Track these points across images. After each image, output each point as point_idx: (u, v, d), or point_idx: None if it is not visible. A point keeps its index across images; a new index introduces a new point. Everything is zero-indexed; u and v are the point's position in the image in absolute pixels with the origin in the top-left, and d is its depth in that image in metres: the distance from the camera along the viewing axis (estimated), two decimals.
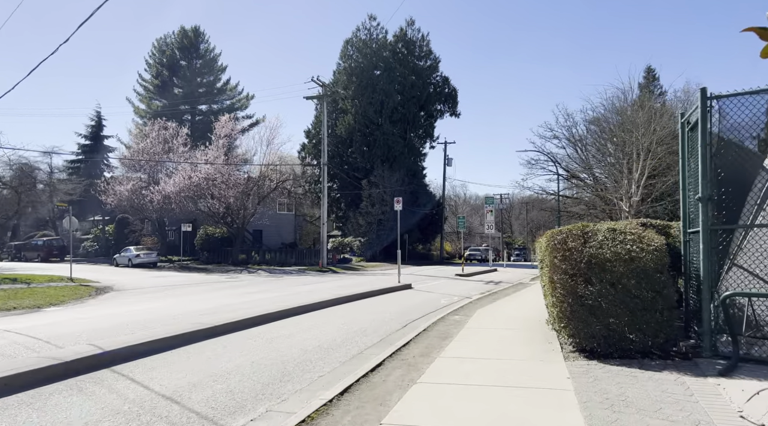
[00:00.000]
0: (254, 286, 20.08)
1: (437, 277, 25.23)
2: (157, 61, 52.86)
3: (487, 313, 11.42)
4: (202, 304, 14.05)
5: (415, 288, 18.98)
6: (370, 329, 9.71)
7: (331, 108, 54.21)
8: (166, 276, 26.60)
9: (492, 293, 16.94)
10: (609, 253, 6.55)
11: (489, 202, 36.29)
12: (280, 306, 12.00)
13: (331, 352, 7.61)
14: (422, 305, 13.78)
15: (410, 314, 11.92)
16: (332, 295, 15.07)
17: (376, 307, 13.17)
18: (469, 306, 13.17)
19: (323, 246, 32.67)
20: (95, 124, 47.44)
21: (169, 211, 34.30)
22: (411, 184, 50.70)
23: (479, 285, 21.34)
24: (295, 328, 9.80)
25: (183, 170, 32.39)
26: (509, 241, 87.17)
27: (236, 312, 11.60)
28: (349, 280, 23.74)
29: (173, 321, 10.37)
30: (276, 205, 44.94)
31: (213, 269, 31.95)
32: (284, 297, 15.46)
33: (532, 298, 15.09)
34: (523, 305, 13.21)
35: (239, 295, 16.62)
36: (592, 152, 33.28)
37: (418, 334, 8.72)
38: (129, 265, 34.52)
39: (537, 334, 8.47)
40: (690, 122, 7.42)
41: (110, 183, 37.88)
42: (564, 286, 6.65)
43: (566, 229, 7.21)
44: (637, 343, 6.39)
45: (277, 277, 25.29)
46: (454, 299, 15.47)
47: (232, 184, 31.41)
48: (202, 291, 18.38)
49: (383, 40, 53.31)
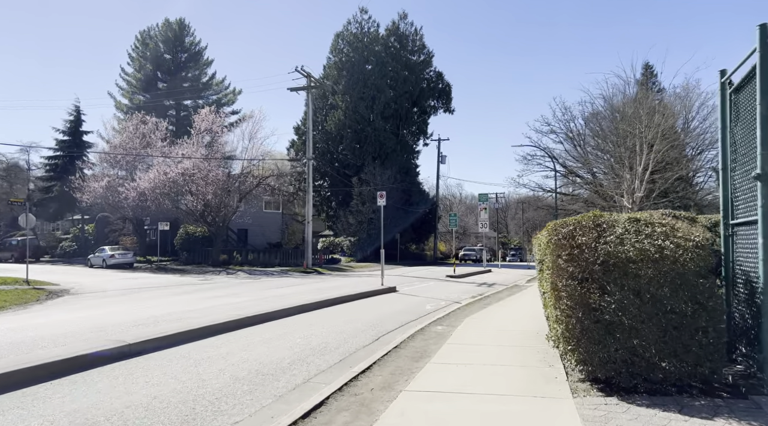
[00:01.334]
0: (225, 290, 18.34)
1: (426, 279, 23.53)
2: (141, 55, 50.97)
3: (476, 323, 9.72)
4: (155, 310, 12.32)
5: (399, 291, 17.27)
6: (332, 345, 8.00)
7: (321, 103, 52.52)
8: (137, 278, 24.82)
9: (484, 297, 15.26)
10: (632, 251, 4.86)
11: (483, 199, 34.62)
12: (236, 314, 10.28)
13: (268, 380, 5.89)
14: (403, 312, 12.08)
15: (386, 324, 10.22)
16: (304, 299, 13.36)
17: (350, 315, 11.46)
18: (456, 313, 11.48)
19: (308, 246, 30.94)
20: (74, 118, 45.45)
21: (144, 208, 32.46)
22: (404, 182, 49.00)
23: (471, 287, 19.66)
24: (242, 342, 8.08)
25: (158, 165, 30.56)
26: (505, 241, 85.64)
27: (180, 321, 9.87)
28: (332, 282, 22.02)
29: (96, 335, 8.63)
30: (262, 203, 43.15)
31: (191, 270, 30.16)
32: (250, 302, 13.73)
33: (527, 302, 13.42)
34: (518, 312, 11.52)
35: (202, 299, 14.87)
36: (591, 146, 31.68)
37: (387, 353, 7.01)
38: (103, 266, 32.70)
39: (534, 352, 6.78)
40: (733, 83, 5.75)
41: (86, 180, 35.97)
42: (571, 295, 4.96)
43: (574, 220, 5.52)
44: (671, 374, 4.70)
45: (255, 279, 23.54)
46: (441, 305, 13.78)
47: (211, 181, 29.59)
48: (166, 295, 16.63)
49: (375, 34, 51.65)
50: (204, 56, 53.18)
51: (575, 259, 5.06)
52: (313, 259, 32.35)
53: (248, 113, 38.25)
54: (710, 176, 36.66)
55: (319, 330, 9.34)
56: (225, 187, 30.44)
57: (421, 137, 54.42)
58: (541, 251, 6.59)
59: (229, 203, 31.93)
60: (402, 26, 52.57)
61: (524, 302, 13.79)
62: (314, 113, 52.79)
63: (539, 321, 9.22)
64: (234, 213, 33.12)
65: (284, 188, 48.18)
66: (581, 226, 5.34)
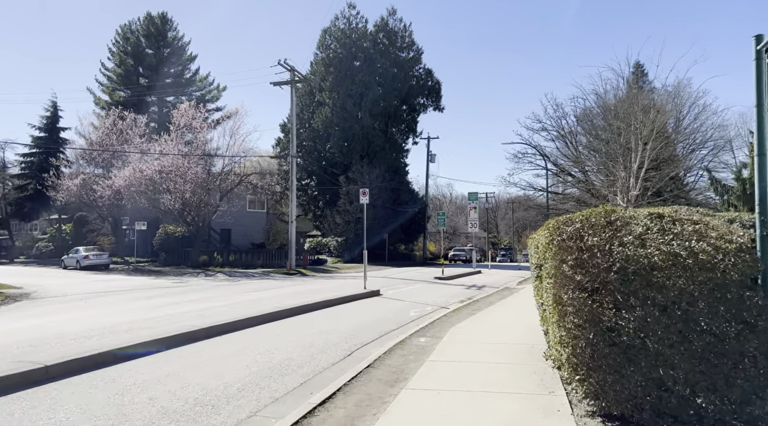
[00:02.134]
0: (198, 294, 17.14)
1: (414, 281, 22.49)
2: (121, 49, 49.35)
3: (463, 334, 8.67)
4: (111, 317, 11.14)
5: (384, 295, 16.20)
6: (297, 362, 6.91)
7: (308, 101, 51.37)
8: (109, 280, 23.50)
9: (473, 301, 14.23)
10: (658, 255, 3.84)
11: (473, 198, 33.66)
12: (191, 325, 9.14)
13: (206, 413, 4.78)
14: (384, 320, 11.00)
15: (364, 335, 9.14)
16: (278, 306, 12.24)
17: (326, 323, 10.38)
18: (443, 320, 10.43)
19: (291, 246, 29.76)
20: (51, 114, 43.84)
21: (120, 207, 31.08)
22: (392, 181, 47.97)
23: (460, 290, 18.64)
24: (191, 360, 6.97)
25: (134, 162, 29.21)
26: (495, 241, 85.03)
27: (130, 333, 8.73)
28: (314, 284, 20.90)
29: (22, 351, 7.47)
30: (245, 202, 41.85)
31: (168, 272, 28.85)
32: (219, 309, 12.58)
33: (519, 308, 12.42)
34: (509, 319, 10.50)
35: (169, 305, 13.69)
36: (583, 144, 30.84)
37: (357, 375, 5.94)
38: (77, 268, 31.27)
39: (530, 373, 5.75)
40: None
41: (61, 177, 34.48)
42: (580, 310, 3.92)
43: (581, 216, 4.49)
44: (709, 413, 3.68)
45: (233, 282, 22.35)
46: (427, 310, 12.73)
47: (190, 178, 28.29)
48: (131, 300, 15.42)
49: (363, 30, 50.61)
50: (187, 51, 51.71)
51: (584, 265, 4.03)
52: (297, 260, 31.19)
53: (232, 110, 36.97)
54: (701, 176, 36.07)
55: (286, 343, 8.24)
56: (204, 185, 29.14)
57: (410, 136, 53.48)
58: (539, 254, 5.56)
59: (209, 202, 30.66)
60: (391, 22, 51.59)
61: (516, 307, 12.79)
62: (301, 111, 51.74)
63: (534, 331, 8.21)
64: (214, 212, 31.84)
65: (271, 187, 46.93)
66: (590, 224, 4.31)
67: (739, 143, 40.63)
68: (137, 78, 49.17)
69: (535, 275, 6.17)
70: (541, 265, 5.42)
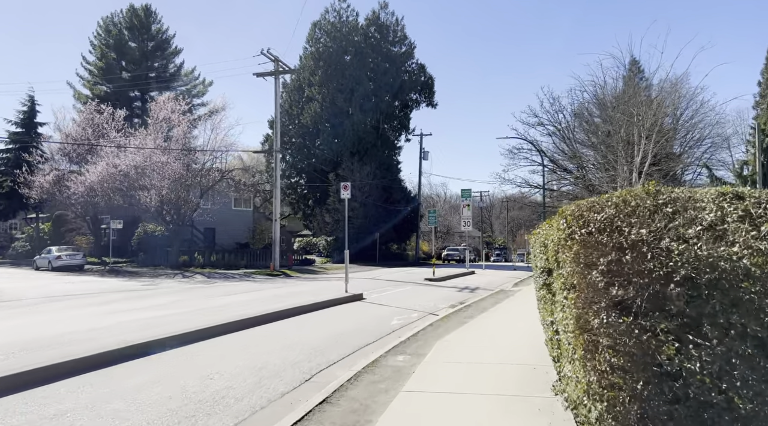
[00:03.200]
0: (165, 298, 15.61)
1: (402, 283, 21.02)
2: (103, 42, 47.58)
3: (451, 350, 7.22)
4: (50, 327, 9.63)
5: (367, 299, 14.71)
6: (236, 393, 5.42)
7: (297, 96, 49.81)
8: (77, 282, 21.90)
9: (465, 307, 12.78)
10: (749, 257, 2.39)
11: (466, 195, 32.21)
12: (124, 341, 7.63)
13: None
14: (362, 330, 9.54)
15: (333, 351, 7.67)
16: (245, 313, 10.76)
17: (292, 335, 8.91)
18: (428, 331, 8.98)
19: (275, 246, 28.22)
20: (28, 109, 42.00)
21: (93, 204, 29.40)
22: (384, 179, 46.54)
23: (451, 293, 17.19)
24: (102, 391, 5.48)
25: (108, 157, 27.56)
26: (489, 240, 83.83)
27: (53, 349, 7.21)
28: (295, 287, 19.40)
29: None
30: (231, 200, 40.25)
31: (144, 273, 27.24)
32: (179, 316, 11.08)
33: (516, 314, 10.99)
34: (505, 329, 9.05)
35: (125, 312, 12.13)
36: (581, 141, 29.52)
37: (305, 415, 4.46)
38: (49, 269, 29.60)
39: (535, 413, 4.29)
40: None
41: (34, 174, 32.76)
42: (620, 343, 2.48)
43: (616, 198, 3.04)
44: None
45: (209, 285, 20.81)
46: (412, 318, 11.27)
47: (167, 174, 26.67)
48: (86, 305, 13.85)
49: (354, 24, 49.18)
50: (172, 45, 50.02)
51: (625, 271, 2.58)
52: (282, 261, 29.68)
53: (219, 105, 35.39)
54: (699, 173, 34.88)
55: (234, 363, 6.75)
56: (183, 182, 27.52)
57: (402, 132, 52.08)
58: (547, 255, 4.10)
59: (189, 199, 29.05)
60: (383, 16, 50.15)
61: (512, 314, 11.36)
62: (290, 106, 50.17)
63: (535, 346, 6.77)
64: (195, 210, 30.22)
65: (261, 185, 45.36)
66: (630, 209, 2.86)
67: (736, 141, 39.50)
68: (120, 72, 47.44)
69: (541, 283, 4.70)
70: (550, 270, 3.98)
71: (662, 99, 21.72)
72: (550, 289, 4.09)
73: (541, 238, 4.58)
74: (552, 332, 4.37)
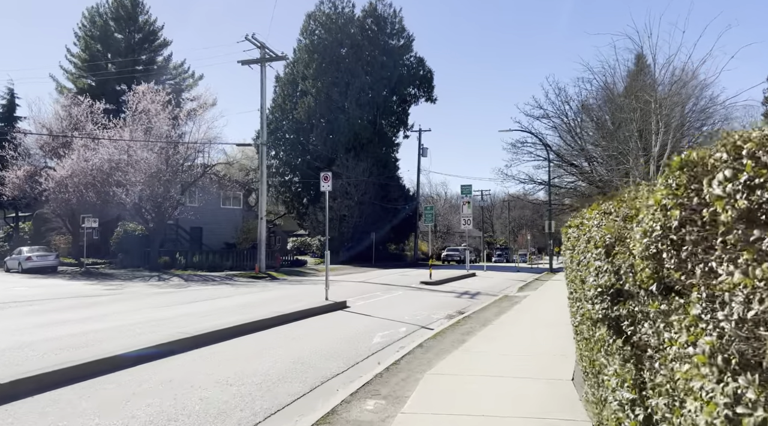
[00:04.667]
0: (118, 305, 13.61)
1: (395, 287, 19.02)
2: (88, 33, 45.59)
3: (442, 393, 5.20)
4: None
5: (350, 308, 12.70)
6: None
7: (291, 90, 47.84)
8: (37, 286, 19.93)
9: (464, 318, 10.76)
10: None
11: (465, 191, 30.17)
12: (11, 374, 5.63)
13: None
14: (333, 353, 7.54)
15: (283, 387, 5.67)
16: (200, 328, 8.81)
17: (240, 360, 6.92)
18: (416, 355, 6.99)
19: (261, 246, 26.23)
20: (7, 103, 40.19)
21: (65, 201, 27.40)
22: (381, 176, 44.57)
23: (448, 300, 15.20)
24: None
25: (79, 150, 25.58)
26: (490, 240, 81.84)
27: None
28: (274, 292, 17.41)
29: None
30: (220, 199, 38.27)
31: (119, 275, 25.28)
32: (101, 334, 9.10)
33: (526, 328, 8.97)
34: (516, 352, 7.03)
35: (50, 325, 10.13)
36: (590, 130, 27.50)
37: None
38: (19, 270, 27.69)
39: None
40: None
41: (6, 169, 30.77)
42: None
43: None
44: None
45: (183, 288, 18.83)
46: (400, 333, 9.28)
47: (143, 168, 24.67)
48: (22, 314, 11.83)
49: (350, 15, 47.30)
50: (160, 36, 48.02)
51: None
52: (270, 261, 27.71)
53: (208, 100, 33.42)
54: None
55: (135, 409, 4.76)
56: (160, 177, 25.50)
57: (401, 129, 50.15)
58: (621, 259, 2.07)
59: (170, 196, 27.04)
60: (380, 8, 48.21)
61: (522, 328, 9.35)
62: (283, 101, 48.17)
63: (558, 382, 4.78)
64: (176, 208, 28.22)
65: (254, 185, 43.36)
66: None
67: None
68: (105, 65, 45.45)
69: (599, 315, 2.64)
70: (621, 293, 1.96)
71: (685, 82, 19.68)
72: (606, 324, 2.09)
73: (598, 235, 2.56)
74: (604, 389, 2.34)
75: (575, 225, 3.27)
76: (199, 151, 27.77)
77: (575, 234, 3.21)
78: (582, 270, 3.00)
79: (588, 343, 3.19)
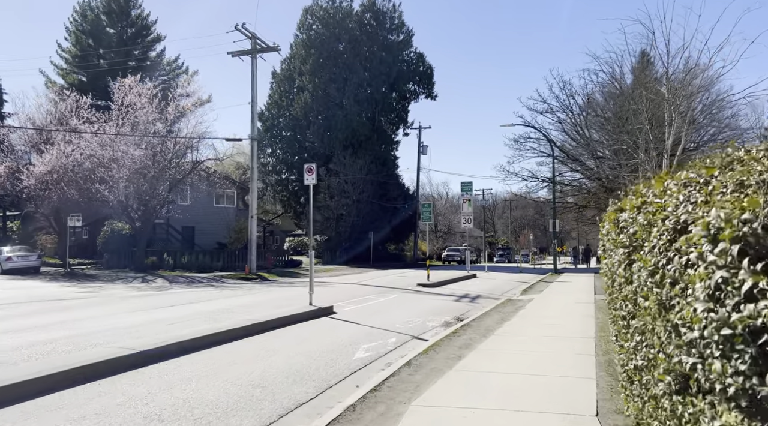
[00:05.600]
0: (87, 311, 12.43)
1: (390, 290, 17.80)
2: (79, 28, 44.47)
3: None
4: None
5: (337, 314, 11.47)
6: None
7: (287, 86, 46.70)
8: (11, 288, 18.78)
9: (462, 326, 9.53)
10: None
11: (466, 188, 28.96)
12: None
13: None
14: (306, 373, 6.32)
15: (235, 420, 4.47)
16: (145, 343, 7.61)
17: (189, 383, 5.72)
18: (402, 377, 5.77)
19: (252, 246, 25.04)
20: None
21: (47, 199, 26.22)
22: (379, 174, 43.33)
23: (446, 304, 13.97)
24: None
25: (59, 145, 24.43)
26: (492, 240, 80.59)
27: None
28: (259, 295, 16.19)
29: None
30: (213, 197, 37.10)
31: (102, 277, 24.12)
32: (45, 346, 7.91)
33: (535, 339, 7.72)
34: (523, 370, 5.79)
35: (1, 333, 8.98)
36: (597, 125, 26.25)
37: None
38: (0, 271, 26.54)
39: None
40: None
41: None
42: None
43: None
44: None
45: (164, 291, 17.64)
46: (389, 345, 8.07)
47: (127, 164, 23.47)
48: None
49: (348, 10, 46.13)
50: (153, 31, 46.89)
51: None
52: (261, 262, 26.52)
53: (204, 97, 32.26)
54: None
55: None
56: (146, 173, 24.31)
57: (400, 126, 48.92)
58: None
59: (157, 193, 25.85)
60: (379, 2, 47.02)
61: (527, 337, 8.11)
62: (280, 97, 47.00)
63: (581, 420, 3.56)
64: (164, 206, 27.04)
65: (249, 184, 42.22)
66: None
67: (750, 136, 36.19)
68: (97, 60, 44.34)
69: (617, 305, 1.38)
70: None
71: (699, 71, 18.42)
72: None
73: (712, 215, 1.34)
74: None
75: (634, 206, 2.06)
76: (189, 147, 26.55)
77: (641, 220, 1.98)
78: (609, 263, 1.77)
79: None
